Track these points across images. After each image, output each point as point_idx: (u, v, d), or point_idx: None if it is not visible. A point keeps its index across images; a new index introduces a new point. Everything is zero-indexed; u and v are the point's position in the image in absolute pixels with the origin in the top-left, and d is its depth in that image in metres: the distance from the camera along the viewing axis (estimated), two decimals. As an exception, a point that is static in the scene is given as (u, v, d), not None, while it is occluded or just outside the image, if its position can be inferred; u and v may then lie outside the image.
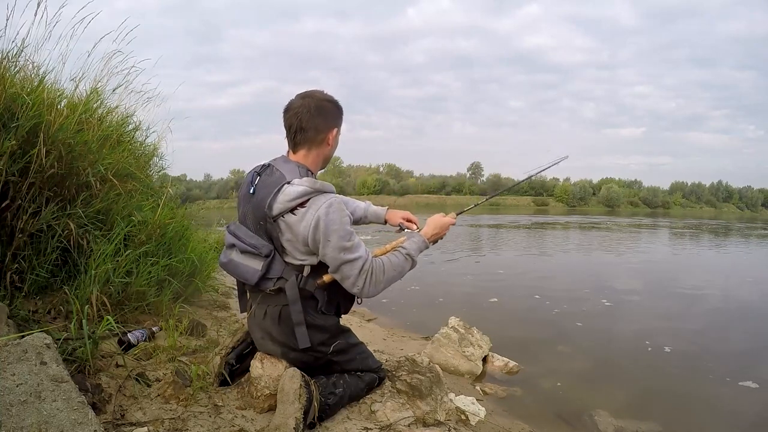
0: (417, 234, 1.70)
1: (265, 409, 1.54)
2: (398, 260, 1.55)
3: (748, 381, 2.89)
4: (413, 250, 1.61)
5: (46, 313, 1.83)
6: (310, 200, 1.41)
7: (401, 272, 1.56)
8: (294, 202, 1.40)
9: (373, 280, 1.46)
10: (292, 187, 1.41)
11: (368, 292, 1.48)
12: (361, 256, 1.44)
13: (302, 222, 1.40)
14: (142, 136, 3.23)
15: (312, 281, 1.50)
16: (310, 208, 1.40)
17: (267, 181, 1.47)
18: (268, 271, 1.47)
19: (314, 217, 1.39)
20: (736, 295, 5.66)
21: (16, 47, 2.04)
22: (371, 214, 1.94)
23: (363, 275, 1.44)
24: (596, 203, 68.98)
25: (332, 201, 1.42)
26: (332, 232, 1.39)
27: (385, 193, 65.74)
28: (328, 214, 1.39)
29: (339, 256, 1.41)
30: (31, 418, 1.09)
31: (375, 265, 1.48)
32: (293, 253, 1.46)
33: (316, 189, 1.41)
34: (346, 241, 1.41)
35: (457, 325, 2.96)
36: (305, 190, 1.40)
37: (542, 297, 5.13)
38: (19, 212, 1.81)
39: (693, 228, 19.78)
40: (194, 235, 2.99)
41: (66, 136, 1.99)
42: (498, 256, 8.72)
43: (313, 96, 1.53)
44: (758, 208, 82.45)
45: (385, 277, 1.49)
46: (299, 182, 1.42)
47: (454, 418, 1.81)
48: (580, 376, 2.93)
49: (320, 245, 1.41)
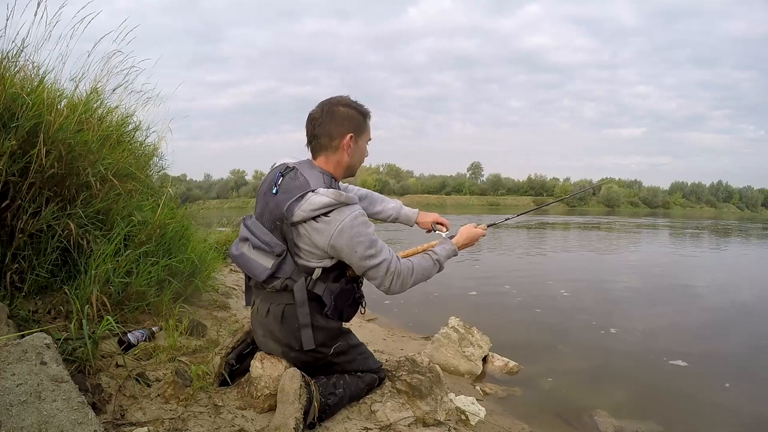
0: (449, 241, 1.74)
1: (265, 409, 1.54)
2: (427, 264, 1.61)
3: (749, 382, 2.89)
4: (443, 257, 1.67)
5: (46, 313, 1.83)
6: (334, 211, 1.40)
7: (428, 276, 1.62)
8: (318, 212, 1.39)
9: (400, 282, 1.52)
10: (317, 197, 1.40)
11: (395, 291, 1.53)
12: (386, 258, 1.48)
13: (324, 232, 1.40)
14: (142, 136, 3.22)
15: (321, 284, 1.51)
16: (334, 220, 1.40)
17: (291, 184, 1.47)
18: (277, 270, 1.47)
19: (338, 228, 1.39)
20: (737, 295, 5.66)
21: (16, 47, 2.04)
22: (403, 216, 1.97)
23: (390, 276, 1.49)
24: (596, 203, 68.97)
25: (357, 213, 1.42)
26: (358, 244, 1.41)
27: (385, 193, 65.57)
28: (353, 227, 1.40)
29: (365, 264, 1.46)
30: (31, 418, 1.09)
31: (402, 267, 1.52)
32: (307, 257, 1.47)
33: (341, 202, 1.40)
34: (370, 249, 1.44)
35: (457, 325, 2.96)
36: (330, 202, 1.39)
37: (542, 297, 5.13)
38: (19, 212, 1.81)
39: (693, 228, 19.77)
40: (194, 235, 2.99)
41: (66, 136, 1.99)
42: (498, 257, 8.71)
43: (330, 101, 1.53)
44: (758, 208, 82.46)
45: (412, 279, 1.56)
46: (325, 192, 1.40)
47: (454, 418, 1.81)
48: (580, 376, 2.93)
49: (345, 255, 1.44)
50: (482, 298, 5.06)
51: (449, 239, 1.76)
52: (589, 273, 7.09)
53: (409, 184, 75.42)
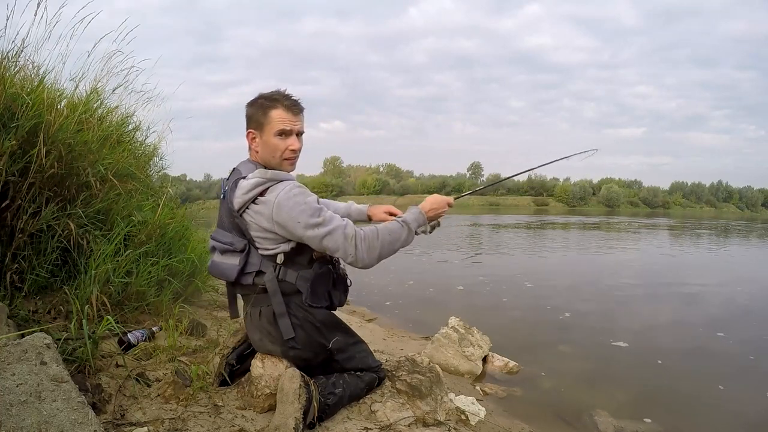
0: (414, 206, 1.64)
1: (265, 409, 1.54)
2: (393, 226, 1.50)
3: (749, 382, 2.89)
4: (410, 219, 1.56)
5: (46, 313, 1.83)
6: (269, 189, 1.43)
7: (397, 238, 1.49)
8: (250, 194, 1.42)
9: (366, 246, 1.42)
10: (244, 181, 1.45)
11: (364, 258, 1.42)
12: (339, 224, 1.41)
13: (264, 212, 1.42)
14: (142, 136, 3.23)
15: (292, 272, 1.50)
16: (269, 197, 1.42)
17: (230, 181, 1.53)
18: (245, 266, 1.49)
19: (275, 204, 1.40)
20: (738, 296, 5.65)
21: (16, 47, 2.04)
22: (354, 212, 1.91)
23: (351, 241, 1.40)
24: (596, 203, 69.01)
25: (291, 186, 1.43)
26: (300, 213, 1.38)
27: (385, 193, 65.75)
28: (289, 198, 1.40)
29: (315, 233, 1.38)
30: (31, 418, 1.09)
31: (366, 231, 1.44)
32: (264, 244, 1.48)
33: (267, 178, 1.43)
34: (316, 217, 1.39)
35: (457, 325, 2.96)
36: (257, 181, 1.42)
37: (542, 297, 5.13)
38: (19, 212, 1.81)
39: (693, 228, 19.77)
40: (194, 235, 2.99)
41: (66, 136, 1.99)
42: (498, 257, 8.71)
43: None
44: (758, 208, 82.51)
45: (379, 241, 1.44)
46: (252, 175, 1.45)
47: (454, 418, 1.81)
48: (580, 376, 2.93)
49: (292, 230, 1.40)
50: (482, 298, 5.06)
51: (415, 206, 1.66)
52: (589, 273, 7.09)
53: (409, 184, 75.45)
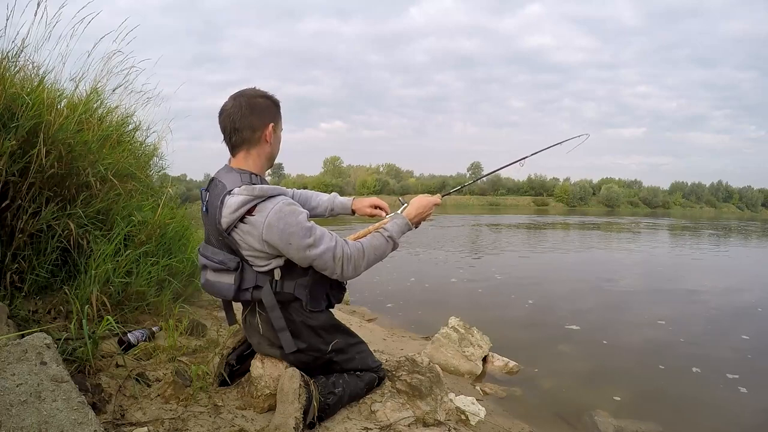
0: (400, 215, 1.66)
1: (265, 409, 1.54)
2: (378, 242, 1.53)
3: (749, 382, 2.89)
4: (395, 232, 1.58)
5: (46, 313, 1.83)
6: (257, 207, 1.36)
7: (382, 255, 1.54)
8: (237, 213, 1.35)
9: (352, 266, 1.45)
10: (231, 198, 1.36)
11: (348, 275, 1.47)
12: (329, 246, 1.40)
13: (253, 233, 1.37)
14: (142, 136, 3.23)
15: (289, 282, 1.47)
16: (259, 217, 1.36)
17: (213, 195, 1.43)
18: (242, 283, 1.45)
19: (265, 225, 1.34)
20: (738, 296, 5.65)
21: (16, 47, 2.04)
22: (338, 206, 1.88)
23: (339, 262, 1.42)
24: (596, 203, 68.99)
25: (281, 205, 1.37)
26: (290, 236, 1.35)
27: (385, 193, 65.63)
28: (280, 219, 1.34)
29: (306, 255, 1.38)
30: (31, 418, 1.09)
31: (352, 250, 1.45)
32: (256, 261, 1.44)
33: (255, 196, 1.35)
34: (306, 238, 1.36)
35: (457, 325, 2.96)
36: (244, 199, 1.35)
37: (542, 297, 5.13)
38: (19, 212, 1.81)
39: (692, 228, 19.76)
40: (194, 235, 2.99)
41: (66, 136, 1.99)
42: (498, 257, 8.71)
43: (244, 94, 1.49)
44: (758, 208, 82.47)
45: (365, 261, 1.48)
46: (238, 191, 1.36)
47: (454, 418, 1.81)
48: (580, 376, 2.93)
49: (283, 250, 1.38)
50: (482, 298, 5.06)
51: (400, 214, 1.67)
52: (589, 273, 7.09)
53: (409, 183, 75.35)
